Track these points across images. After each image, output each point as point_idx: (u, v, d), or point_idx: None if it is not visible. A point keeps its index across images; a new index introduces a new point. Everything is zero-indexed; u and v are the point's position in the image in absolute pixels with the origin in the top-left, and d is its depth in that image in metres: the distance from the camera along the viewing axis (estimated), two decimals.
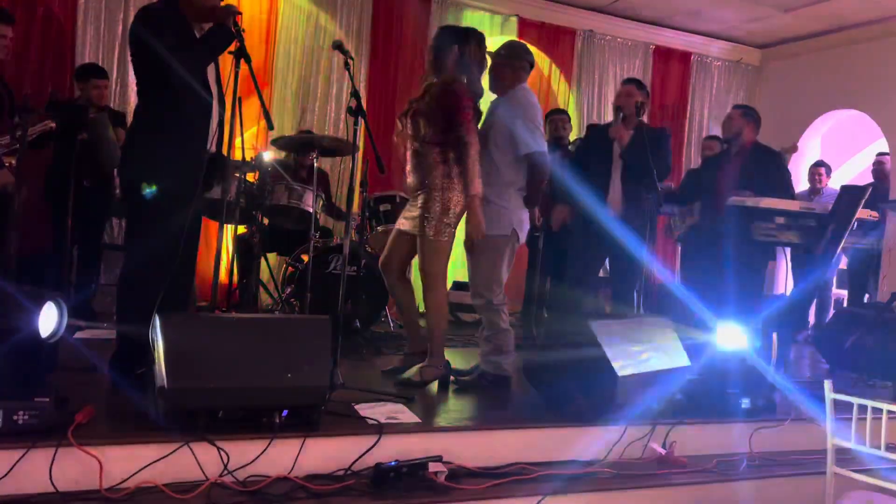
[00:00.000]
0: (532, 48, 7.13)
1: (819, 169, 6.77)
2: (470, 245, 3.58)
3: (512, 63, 3.64)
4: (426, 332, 3.55)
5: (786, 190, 4.45)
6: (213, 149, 3.08)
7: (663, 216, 6.36)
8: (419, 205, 3.45)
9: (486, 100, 3.64)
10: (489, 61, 3.67)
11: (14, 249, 4.10)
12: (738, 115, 4.65)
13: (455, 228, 3.47)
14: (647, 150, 3.94)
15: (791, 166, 7.42)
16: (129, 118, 5.44)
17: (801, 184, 7.57)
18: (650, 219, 4.16)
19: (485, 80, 3.63)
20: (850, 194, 4.12)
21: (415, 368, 3.48)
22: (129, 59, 3.18)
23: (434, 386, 3.48)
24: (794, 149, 6.08)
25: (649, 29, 7.82)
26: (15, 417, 2.23)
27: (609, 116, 7.66)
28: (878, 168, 6.38)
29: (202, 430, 2.39)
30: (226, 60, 3.04)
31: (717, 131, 8.02)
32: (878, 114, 7.23)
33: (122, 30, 5.73)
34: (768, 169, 4.54)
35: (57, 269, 4.60)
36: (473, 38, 3.50)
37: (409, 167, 3.53)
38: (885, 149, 6.91)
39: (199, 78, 2.93)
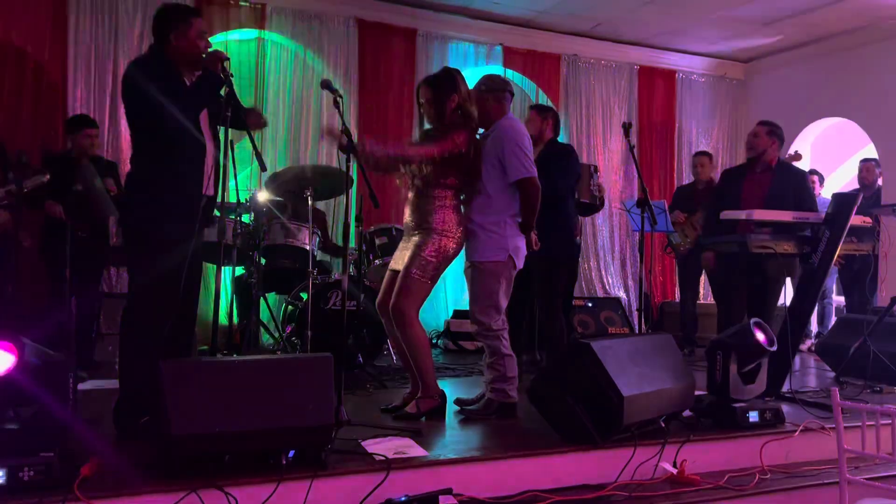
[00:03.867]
0: (518, 75, 7.29)
1: (812, 177, 6.81)
2: (469, 273, 3.60)
3: (494, 95, 3.71)
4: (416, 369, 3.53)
5: (808, 209, 4.39)
6: (212, 191, 3.11)
7: (660, 233, 6.39)
8: (414, 243, 3.47)
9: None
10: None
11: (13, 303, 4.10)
12: (763, 133, 4.57)
13: (441, 273, 3.49)
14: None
15: None
16: (121, 167, 5.52)
17: None
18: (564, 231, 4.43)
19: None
20: (842, 202, 4.14)
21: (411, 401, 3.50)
22: (121, 109, 3.22)
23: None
24: (797, 157, 6.13)
25: (632, 50, 7.92)
26: (20, 474, 2.21)
27: (598, 137, 7.76)
28: (863, 175, 6.43)
29: (209, 475, 2.37)
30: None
31: (706, 146, 8.13)
32: (864, 121, 7.31)
33: (112, 80, 5.79)
34: (799, 189, 4.51)
35: (56, 321, 4.59)
36: (461, 78, 3.54)
37: (408, 207, 3.56)
38: (874, 155, 6.96)
39: (192, 124, 2.97)
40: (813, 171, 6.93)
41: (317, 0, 6.55)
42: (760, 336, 3.46)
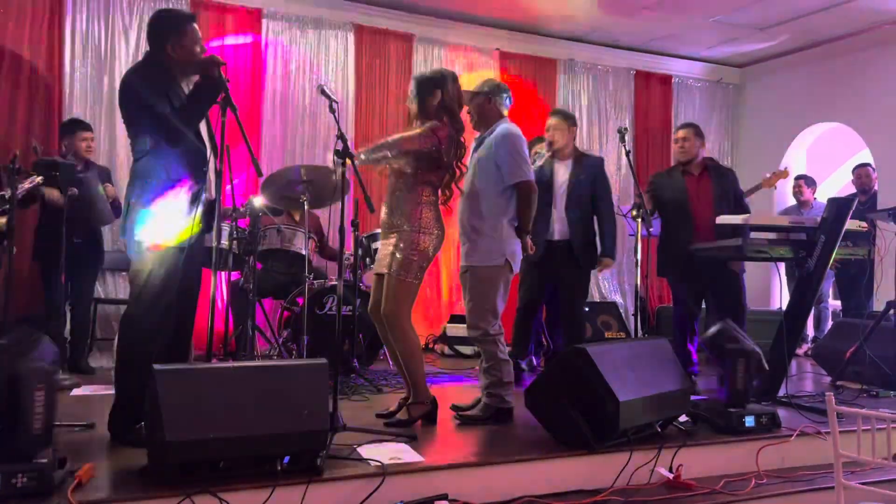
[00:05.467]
0: (515, 79, 7.29)
1: (799, 181, 6.83)
2: (465, 277, 3.59)
3: (492, 99, 3.72)
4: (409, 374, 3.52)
5: (744, 207, 4.62)
6: (212, 195, 3.11)
7: (656, 238, 6.36)
8: (392, 243, 3.45)
9: (468, 133, 3.67)
10: (465, 97, 3.73)
11: (6, 309, 4.07)
12: (693, 135, 4.69)
13: (425, 271, 3.48)
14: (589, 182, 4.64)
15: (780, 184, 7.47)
16: (115, 172, 5.52)
17: (788, 199, 7.64)
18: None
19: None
20: (838, 206, 4.15)
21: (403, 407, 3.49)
22: (117, 114, 3.21)
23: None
24: (784, 174, 6.15)
25: (629, 55, 7.93)
26: (14, 481, 2.21)
27: (594, 143, 7.76)
28: (864, 181, 6.45)
29: (204, 481, 2.36)
30: (213, 109, 3.08)
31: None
32: (859, 125, 7.32)
33: (108, 86, 5.78)
34: (735, 185, 4.69)
35: (51, 327, 4.57)
36: (450, 78, 3.56)
37: (385, 205, 3.53)
38: (870, 160, 6.97)
39: (192, 132, 2.97)
40: (800, 176, 6.93)
41: (314, 5, 6.56)
42: None
